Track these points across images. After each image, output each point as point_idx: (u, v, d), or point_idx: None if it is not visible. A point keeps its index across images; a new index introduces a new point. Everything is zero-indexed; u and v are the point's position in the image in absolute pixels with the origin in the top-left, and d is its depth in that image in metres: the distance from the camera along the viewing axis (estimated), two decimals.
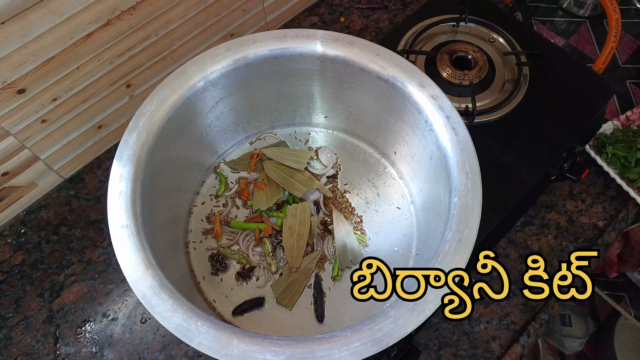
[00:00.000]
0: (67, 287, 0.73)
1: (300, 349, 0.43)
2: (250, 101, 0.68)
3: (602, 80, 0.77)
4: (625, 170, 0.81)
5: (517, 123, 0.73)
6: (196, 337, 0.44)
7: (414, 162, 0.66)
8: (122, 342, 0.69)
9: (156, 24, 0.72)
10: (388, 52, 0.60)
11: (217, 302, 0.64)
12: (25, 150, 0.71)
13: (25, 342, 0.69)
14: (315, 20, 0.98)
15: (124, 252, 0.48)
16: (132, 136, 0.54)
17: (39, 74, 0.64)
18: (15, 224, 0.77)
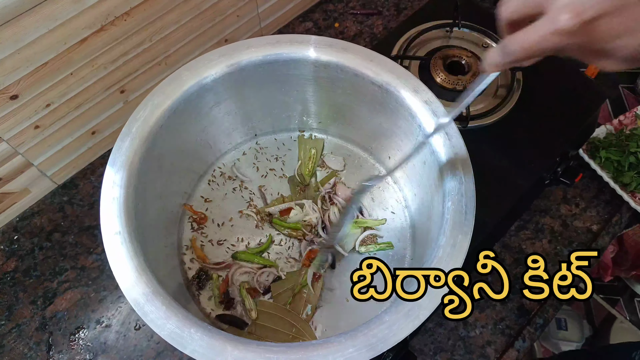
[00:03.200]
0: (61, 294, 0.72)
1: (295, 355, 0.43)
2: (245, 107, 0.68)
3: (594, 85, 0.78)
4: (619, 174, 0.82)
5: (511, 128, 0.74)
6: (189, 344, 0.44)
7: (408, 167, 0.66)
8: (116, 349, 0.68)
9: (150, 29, 0.72)
10: (382, 57, 0.60)
11: (211, 309, 0.64)
12: (18, 156, 0.70)
13: (18, 350, 0.68)
14: (310, 25, 0.98)
15: (117, 259, 0.47)
16: (125, 142, 0.53)
17: (33, 80, 0.64)
18: (8, 231, 0.76)
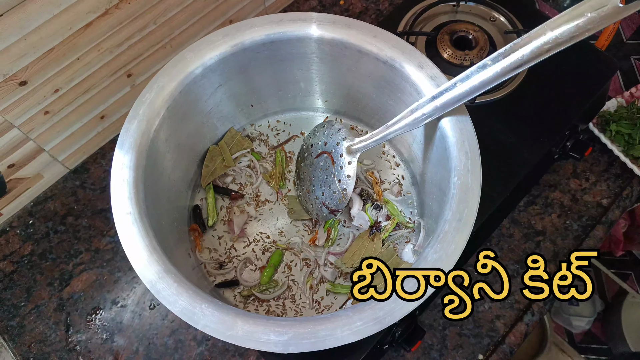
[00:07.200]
0: (76, 276, 0.74)
1: (303, 329, 0.44)
2: (250, 87, 0.68)
3: (605, 57, 0.76)
4: (630, 147, 0.80)
5: (519, 102, 0.73)
6: (201, 320, 0.45)
7: (415, 144, 0.66)
8: (132, 328, 0.70)
9: (154, 12, 0.72)
10: (386, 33, 0.59)
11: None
12: (29, 142, 0.71)
13: (39, 329, 0.70)
14: (315, 4, 0.97)
15: (129, 238, 0.48)
16: (133, 124, 0.54)
17: (40, 66, 0.64)
18: (23, 215, 0.78)
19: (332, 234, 0.67)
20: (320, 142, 0.65)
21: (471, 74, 0.48)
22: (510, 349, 0.70)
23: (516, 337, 0.71)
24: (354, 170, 0.60)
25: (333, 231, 0.67)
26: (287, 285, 0.65)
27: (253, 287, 0.64)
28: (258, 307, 0.64)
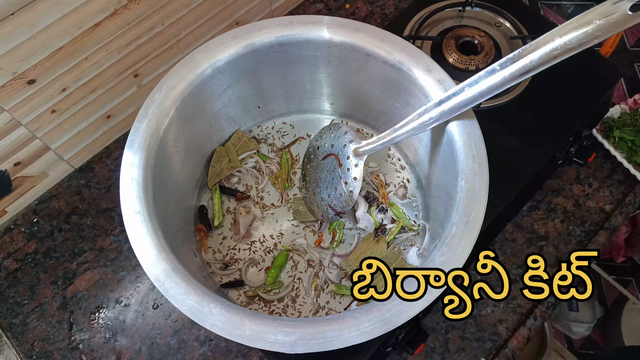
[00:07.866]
0: (80, 275, 0.74)
1: (311, 330, 0.44)
2: (257, 88, 0.68)
3: (609, 64, 0.77)
4: (633, 154, 0.81)
5: (524, 108, 0.73)
6: (209, 319, 0.45)
7: (421, 147, 0.66)
8: (135, 327, 0.70)
9: (162, 13, 0.73)
10: (394, 37, 0.60)
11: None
12: (36, 140, 0.72)
13: (41, 327, 0.70)
14: (321, 7, 0.98)
15: (138, 237, 0.49)
16: (142, 124, 0.54)
17: (48, 65, 0.65)
18: (28, 213, 0.78)
19: (337, 236, 0.67)
20: (327, 144, 0.65)
21: (479, 79, 0.48)
22: (513, 353, 0.71)
23: (518, 342, 0.71)
24: (361, 172, 0.61)
25: (338, 233, 0.68)
26: (292, 286, 0.65)
27: (258, 288, 0.64)
28: (263, 307, 0.64)
